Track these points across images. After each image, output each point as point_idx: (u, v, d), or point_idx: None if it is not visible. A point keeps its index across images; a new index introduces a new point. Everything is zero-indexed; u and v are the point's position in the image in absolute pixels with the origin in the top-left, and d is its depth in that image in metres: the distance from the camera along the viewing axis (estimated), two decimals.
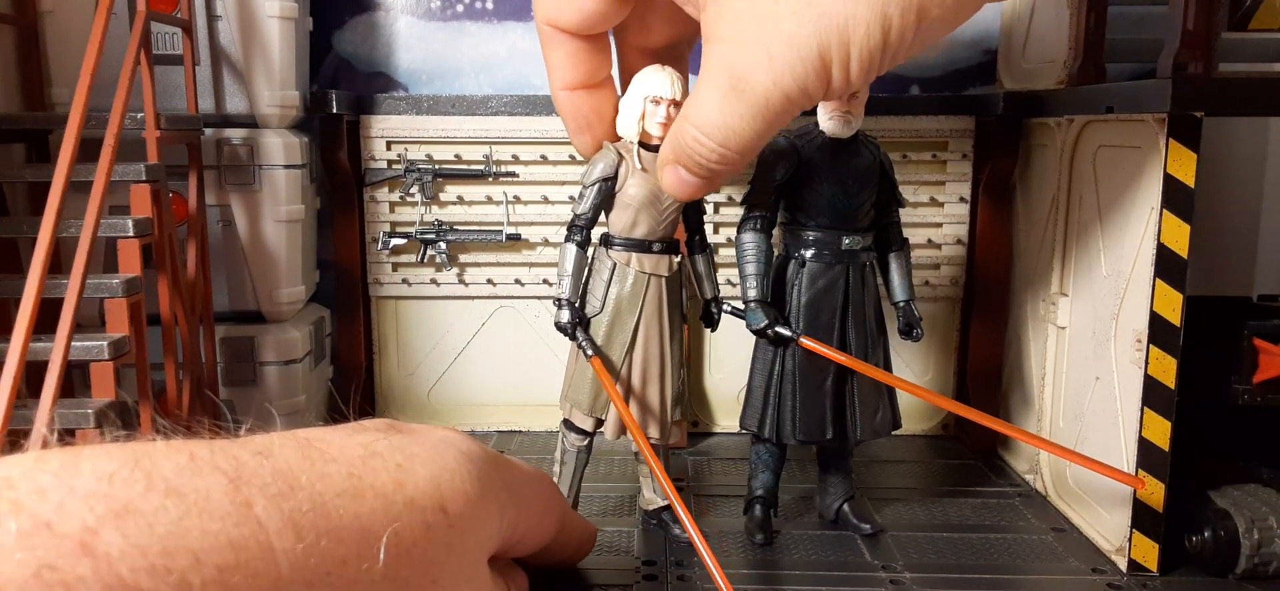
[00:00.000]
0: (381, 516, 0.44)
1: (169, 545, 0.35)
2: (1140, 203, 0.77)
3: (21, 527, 0.33)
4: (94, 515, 0.34)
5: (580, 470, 0.83)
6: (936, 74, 1.15)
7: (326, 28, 1.13)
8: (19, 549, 0.32)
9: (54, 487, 0.34)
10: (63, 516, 0.33)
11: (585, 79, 0.75)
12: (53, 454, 0.36)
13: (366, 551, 0.43)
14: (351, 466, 0.45)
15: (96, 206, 0.75)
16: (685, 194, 0.69)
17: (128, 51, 0.80)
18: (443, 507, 0.49)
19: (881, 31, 0.55)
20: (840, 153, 0.80)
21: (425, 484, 0.49)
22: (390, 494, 0.46)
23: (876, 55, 0.56)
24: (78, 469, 0.35)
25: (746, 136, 0.61)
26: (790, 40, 0.56)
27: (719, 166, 0.64)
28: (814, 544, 0.83)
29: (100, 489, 0.35)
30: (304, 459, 0.43)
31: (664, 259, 0.79)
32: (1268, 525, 0.74)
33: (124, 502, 0.35)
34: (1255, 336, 0.75)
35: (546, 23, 0.73)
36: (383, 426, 0.53)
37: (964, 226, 1.08)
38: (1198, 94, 0.70)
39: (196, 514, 0.36)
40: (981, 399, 1.05)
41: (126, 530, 0.34)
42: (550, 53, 0.75)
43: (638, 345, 0.79)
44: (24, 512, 0.33)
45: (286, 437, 0.45)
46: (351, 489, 0.44)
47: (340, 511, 0.42)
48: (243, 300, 1.01)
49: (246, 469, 0.40)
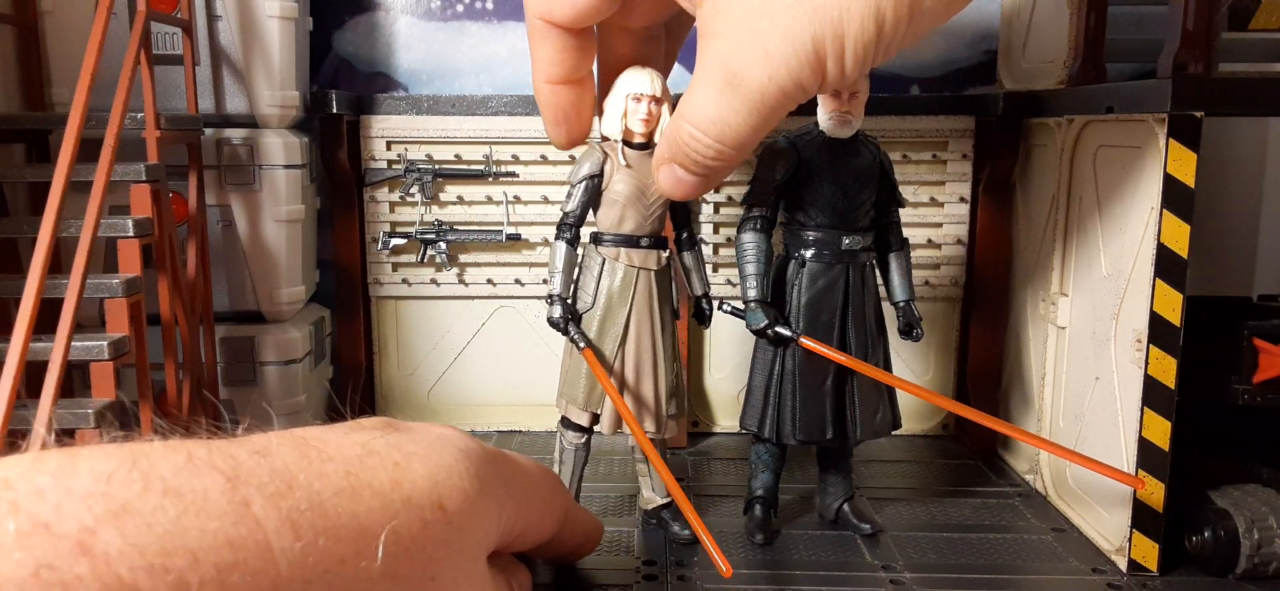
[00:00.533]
0: (379, 514, 0.44)
1: (167, 544, 0.35)
2: (1140, 202, 0.77)
3: (20, 527, 0.32)
4: (92, 515, 0.34)
5: (579, 468, 0.84)
6: (936, 74, 1.15)
7: (326, 28, 1.13)
8: (17, 549, 0.32)
9: (52, 488, 0.34)
10: (61, 516, 0.33)
11: (569, 73, 0.76)
12: (50, 454, 0.36)
13: (364, 549, 0.43)
14: (349, 465, 0.45)
15: (96, 206, 0.75)
16: (681, 194, 0.69)
17: (128, 51, 0.80)
18: (440, 505, 0.49)
19: (875, 24, 0.55)
20: (840, 152, 0.80)
21: (423, 481, 0.49)
22: (388, 492, 0.46)
23: (871, 48, 0.56)
24: (75, 469, 0.35)
25: (742, 132, 0.61)
26: (785, 34, 0.56)
27: (716, 163, 0.64)
28: (814, 544, 0.83)
29: (98, 489, 0.35)
30: (301, 457, 0.43)
31: (652, 253, 0.80)
32: (1268, 525, 0.74)
33: (122, 502, 0.35)
34: (1255, 336, 0.75)
35: (538, 16, 0.73)
36: (380, 424, 0.53)
37: (964, 226, 1.08)
38: (1198, 94, 0.70)
39: (194, 513, 0.36)
40: (981, 399, 1.05)
41: (124, 529, 0.34)
42: (537, 46, 0.75)
43: (629, 338, 0.79)
44: (22, 513, 0.33)
45: (284, 437, 0.45)
46: (349, 487, 0.44)
47: (338, 510, 0.42)
48: (243, 300, 1.01)
49: (244, 468, 0.40)
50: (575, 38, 0.74)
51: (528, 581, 0.66)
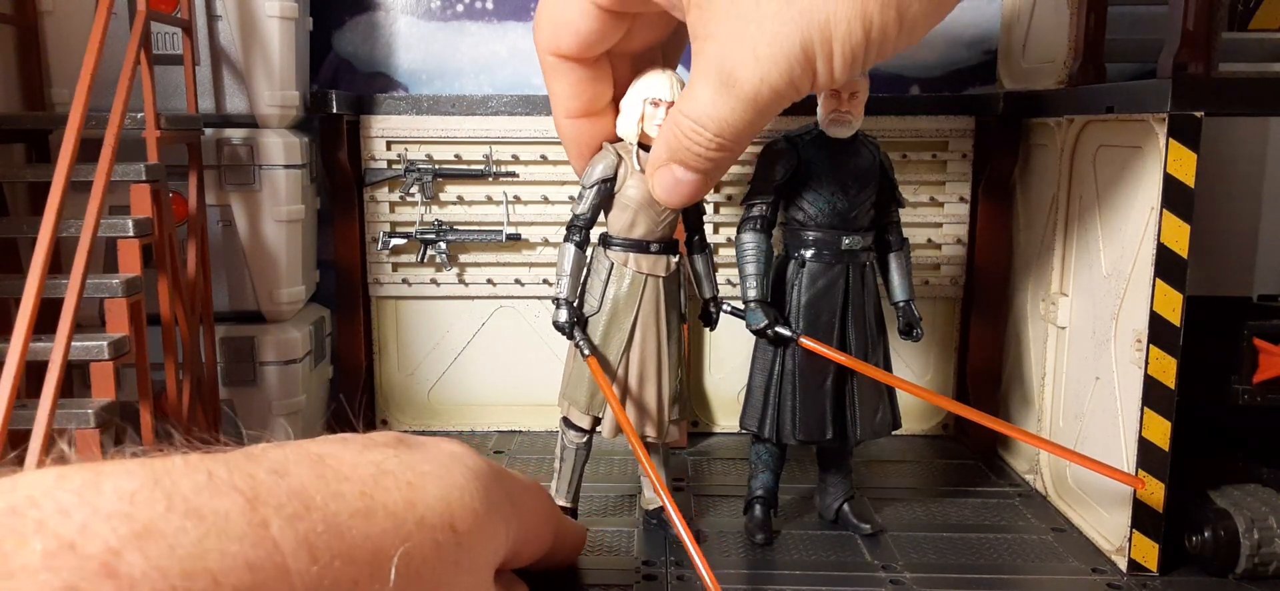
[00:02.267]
0: (393, 536, 0.44)
1: (189, 567, 0.35)
2: (1140, 203, 0.77)
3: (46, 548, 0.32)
4: (117, 536, 0.34)
5: (580, 467, 0.83)
6: (936, 74, 1.15)
7: (326, 28, 1.13)
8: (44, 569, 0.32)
9: (77, 507, 0.34)
10: (87, 537, 0.33)
11: (588, 107, 0.77)
12: (73, 471, 0.36)
13: (378, 572, 0.43)
14: (364, 485, 0.45)
15: (96, 206, 0.75)
16: (678, 199, 0.69)
17: (128, 51, 0.80)
18: (452, 526, 0.49)
19: (862, 28, 0.56)
20: (840, 153, 0.80)
21: (435, 502, 0.48)
22: (401, 513, 0.46)
23: (859, 51, 0.57)
24: (99, 488, 0.35)
25: (739, 127, 0.63)
26: (774, 38, 0.57)
27: (716, 155, 0.65)
28: (814, 544, 0.83)
29: (122, 509, 0.35)
30: (318, 478, 0.43)
31: (661, 259, 0.79)
32: (1268, 525, 0.74)
33: (145, 523, 0.35)
34: (1255, 336, 0.75)
35: (549, 53, 0.74)
36: (392, 441, 0.53)
37: (964, 226, 1.08)
38: (1198, 94, 0.70)
39: (215, 535, 0.36)
40: (981, 399, 1.05)
41: (148, 552, 0.34)
42: (554, 83, 0.76)
43: (634, 345, 0.79)
44: (48, 532, 0.33)
45: (300, 453, 0.45)
46: (364, 509, 0.44)
47: (353, 532, 0.42)
48: (243, 300, 1.01)
49: (263, 488, 0.40)
50: (589, 69, 0.75)
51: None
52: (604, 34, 0.72)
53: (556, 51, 0.73)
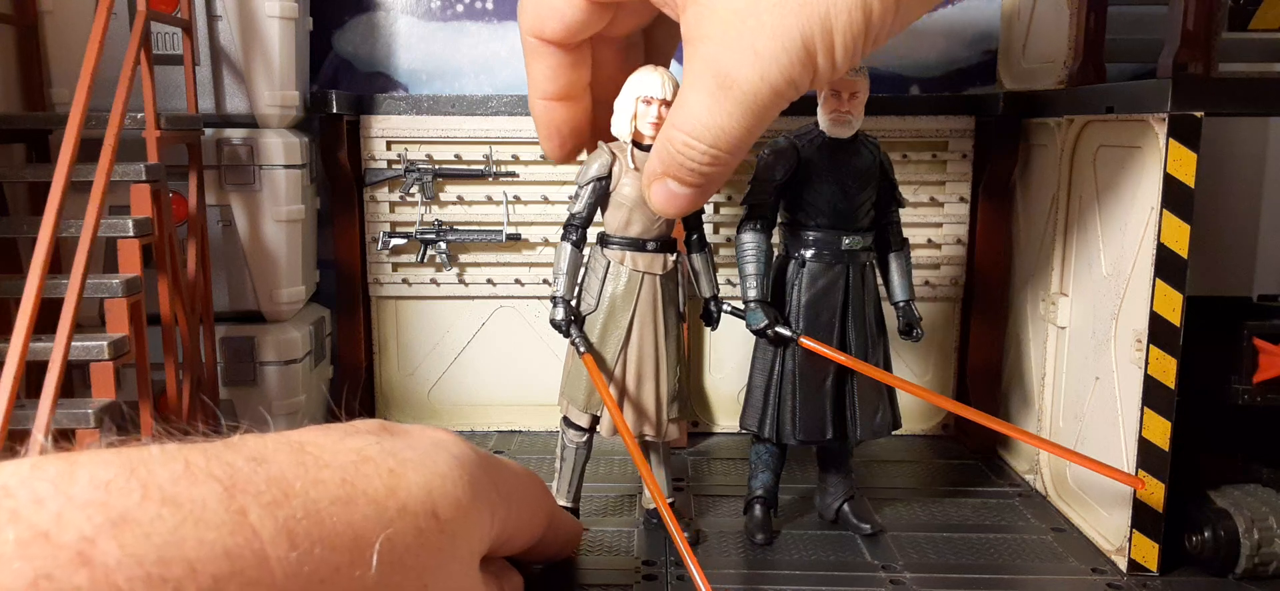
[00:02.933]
0: (374, 523, 0.44)
1: (165, 555, 0.35)
2: (1140, 203, 0.77)
3: (20, 536, 0.32)
4: (92, 524, 0.34)
5: (581, 466, 0.83)
6: (936, 74, 1.15)
7: (326, 28, 1.13)
8: (17, 558, 0.32)
9: (52, 496, 0.34)
10: (61, 526, 0.33)
11: (563, 91, 0.76)
12: (49, 460, 0.36)
13: (359, 558, 0.43)
14: (344, 472, 0.45)
15: (96, 206, 0.75)
16: (674, 210, 0.69)
17: (128, 51, 0.80)
18: (435, 513, 0.49)
19: (862, 15, 0.56)
20: (840, 153, 0.80)
21: (417, 489, 0.48)
22: (383, 500, 0.46)
23: (860, 39, 0.57)
24: (74, 477, 0.35)
25: (736, 134, 0.61)
26: (773, 33, 0.56)
27: (712, 169, 0.64)
28: (814, 544, 0.83)
29: (97, 497, 0.35)
30: (298, 464, 0.43)
31: (658, 257, 0.79)
32: (1268, 525, 0.74)
33: (121, 511, 0.35)
34: (1255, 336, 0.75)
35: (531, 34, 0.74)
36: (375, 428, 0.52)
37: (964, 226, 1.08)
38: (1198, 94, 0.70)
39: (192, 523, 0.36)
40: (981, 399, 1.05)
41: (123, 540, 0.34)
42: (533, 64, 0.76)
43: (632, 343, 0.79)
44: (22, 521, 0.33)
45: (280, 442, 0.45)
46: (345, 495, 0.44)
47: (334, 518, 0.42)
48: (243, 300, 1.01)
49: (241, 476, 0.40)
50: (569, 55, 0.74)
51: (520, 584, 0.66)
52: (588, 22, 0.72)
53: (540, 35, 0.73)
